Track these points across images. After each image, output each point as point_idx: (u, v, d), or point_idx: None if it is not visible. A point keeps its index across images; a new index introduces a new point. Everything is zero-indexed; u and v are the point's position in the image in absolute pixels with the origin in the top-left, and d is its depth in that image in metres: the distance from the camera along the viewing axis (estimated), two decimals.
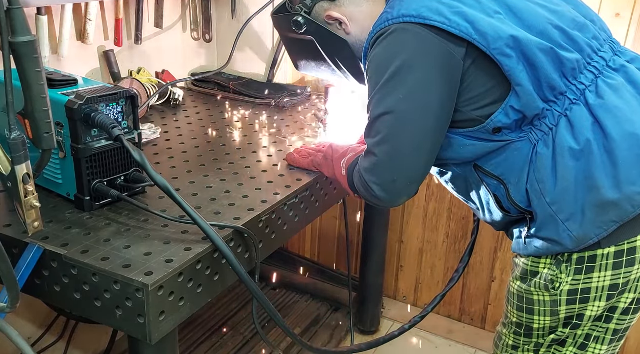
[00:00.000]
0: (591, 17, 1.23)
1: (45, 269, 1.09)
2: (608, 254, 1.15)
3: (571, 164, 1.11)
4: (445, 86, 1.12)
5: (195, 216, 1.07)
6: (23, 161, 0.91)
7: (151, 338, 1.01)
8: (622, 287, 1.17)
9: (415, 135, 1.15)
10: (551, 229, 1.15)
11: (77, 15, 1.77)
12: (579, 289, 1.18)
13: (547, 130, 1.13)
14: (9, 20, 0.86)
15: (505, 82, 1.12)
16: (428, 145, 1.16)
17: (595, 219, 1.11)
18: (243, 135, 1.75)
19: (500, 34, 1.09)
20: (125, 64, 1.99)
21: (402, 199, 1.22)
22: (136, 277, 0.99)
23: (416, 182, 1.20)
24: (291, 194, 1.36)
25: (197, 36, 2.24)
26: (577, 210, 1.12)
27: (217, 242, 1.07)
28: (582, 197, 1.11)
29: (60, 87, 1.22)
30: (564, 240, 1.14)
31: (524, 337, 1.29)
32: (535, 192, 1.15)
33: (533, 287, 1.22)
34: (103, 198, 1.23)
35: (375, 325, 2.34)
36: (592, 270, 1.16)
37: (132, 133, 1.25)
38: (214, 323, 2.21)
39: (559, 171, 1.11)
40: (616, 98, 1.12)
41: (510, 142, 1.16)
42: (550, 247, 1.17)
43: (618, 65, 1.18)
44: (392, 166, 1.17)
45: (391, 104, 1.14)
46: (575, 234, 1.12)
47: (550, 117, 1.13)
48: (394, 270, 2.44)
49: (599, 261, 1.15)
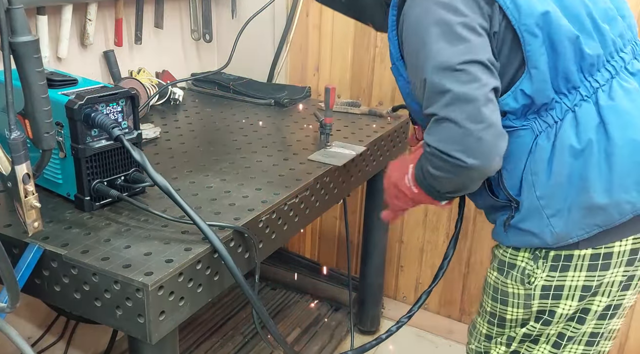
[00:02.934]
0: (622, 11, 1.19)
1: (45, 269, 1.09)
2: (584, 255, 1.15)
3: (568, 162, 1.09)
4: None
5: (195, 216, 1.07)
6: (23, 161, 0.91)
7: (151, 338, 1.01)
8: (594, 289, 1.18)
9: None
10: (534, 222, 1.15)
11: (77, 15, 1.77)
12: (552, 285, 1.19)
13: (552, 123, 1.11)
14: (9, 20, 0.86)
15: (521, 63, 1.09)
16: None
17: (580, 220, 1.11)
18: (243, 135, 1.75)
19: (533, 11, 1.06)
20: (125, 64, 1.99)
21: (496, 159, 1.06)
22: (136, 277, 0.99)
23: (502, 135, 1.06)
24: (291, 194, 1.36)
25: (197, 36, 2.24)
26: (564, 208, 1.12)
27: (215, 244, 1.07)
28: (572, 196, 1.11)
29: (60, 87, 1.22)
30: (544, 235, 1.14)
31: (497, 327, 1.31)
32: (527, 183, 1.14)
33: (509, 279, 1.24)
34: (103, 198, 1.23)
35: (375, 325, 2.34)
36: (567, 269, 1.17)
37: (132, 133, 1.25)
38: (214, 323, 2.21)
39: (555, 166, 1.10)
40: (627, 102, 1.10)
41: (514, 130, 1.13)
42: (529, 239, 1.17)
43: (635, 69, 1.15)
44: (473, 122, 1.02)
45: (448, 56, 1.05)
46: (557, 230, 1.13)
47: (557, 109, 1.11)
48: (394, 270, 2.44)
49: (575, 261, 1.16)
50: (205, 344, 2.10)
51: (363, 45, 2.17)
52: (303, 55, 2.29)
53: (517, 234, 1.19)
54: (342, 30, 2.19)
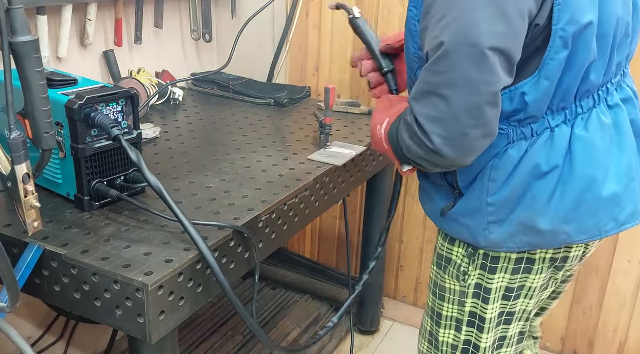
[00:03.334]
0: (638, 25, 1.10)
1: (45, 269, 1.09)
2: (510, 258, 1.16)
3: (529, 181, 1.06)
4: None
5: (185, 220, 1.05)
6: (23, 161, 0.91)
7: (151, 338, 1.01)
8: (516, 291, 1.19)
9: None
10: (474, 221, 1.12)
11: (77, 15, 1.77)
12: (482, 285, 1.19)
13: (529, 136, 1.06)
14: (9, 20, 0.86)
15: (535, 67, 1.00)
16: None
17: (515, 234, 1.10)
18: (243, 135, 1.75)
19: (579, 19, 0.96)
20: (125, 64, 1.99)
21: (471, 159, 1.02)
22: (136, 277, 0.99)
23: (491, 136, 1.00)
24: (291, 194, 1.36)
25: (197, 36, 2.24)
26: (506, 219, 1.09)
27: (202, 249, 1.05)
28: (518, 212, 1.08)
29: (60, 87, 1.22)
30: (479, 236, 1.13)
31: (435, 324, 1.29)
32: (482, 185, 1.10)
33: (447, 274, 1.23)
34: (103, 198, 1.23)
35: (375, 325, 2.34)
36: (495, 271, 1.17)
37: (132, 133, 1.25)
38: (214, 323, 2.21)
39: (515, 180, 1.07)
40: (599, 139, 1.06)
41: None
42: (462, 233, 1.15)
43: (614, 103, 1.10)
44: (468, 115, 0.95)
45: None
46: (492, 238, 1.11)
47: (539, 125, 1.05)
48: (394, 270, 2.44)
49: (502, 264, 1.16)
50: (205, 344, 2.10)
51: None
52: (303, 56, 2.30)
53: (453, 225, 1.17)
54: (342, 30, 2.19)
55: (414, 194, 2.28)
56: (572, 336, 2.16)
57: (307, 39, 2.27)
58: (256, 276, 1.25)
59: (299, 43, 2.28)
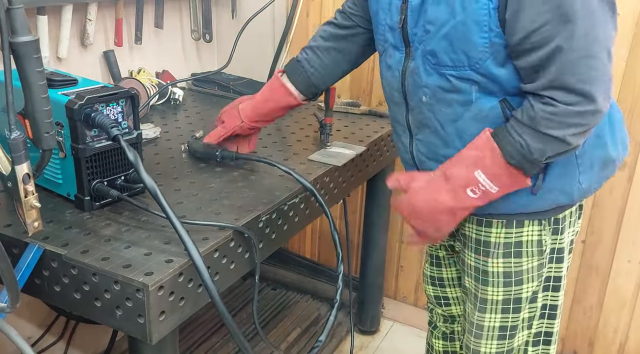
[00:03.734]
0: None
1: (45, 269, 1.09)
2: (571, 212, 1.27)
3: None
4: None
5: (178, 225, 1.04)
6: (23, 160, 0.91)
7: (151, 338, 1.01)
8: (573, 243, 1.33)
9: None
10: (567, 180, 1.18)
11: (77, 15, 1.77)
12: (556, 248, 1.27)
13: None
14: (9, 20, 0.86)
15: None
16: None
17: (598, 173, 1.21)
18: None
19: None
20: (125, 64, 1.99)
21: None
22: (136, 277, 0.99)
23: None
24: (291, 194, 1.36)
25: (197, 36, 2.24)
26: (588, 164, 1.19)
27: (193, 255, 1.03)
28: (592, 153, 1.19)
29: (60, 87, 1.22)
30: (573, 191, 1.20)
31: (512, 313, 1.30)
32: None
33: (524, 257, 1.25)
34: (103, 198, 1.23)
35: (375, 325, 2.34)
36: (562, 231, 1.27)
37: (132, 133, 1.25)
38: (214, 323, 2.21)
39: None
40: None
41: None
42: (556, 197, 1.20)
43: None
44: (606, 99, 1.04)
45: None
46: (584, 186, 1.20)
47: None
48: (394, 270, 2.44)
49: (568, 219, 1.27)
50: (205, 344, 2.10)
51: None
52: None
53: (547, 196, 1.18)
54: None
55: None
56: (572, 336, 2.16)
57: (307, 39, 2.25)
58: (256, 276, 1.25)
59: (299, 43, 2.28)
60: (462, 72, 1.12)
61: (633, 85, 1.82)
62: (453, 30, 1.10)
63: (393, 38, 1.23)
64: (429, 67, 1.16)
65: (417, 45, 1.17)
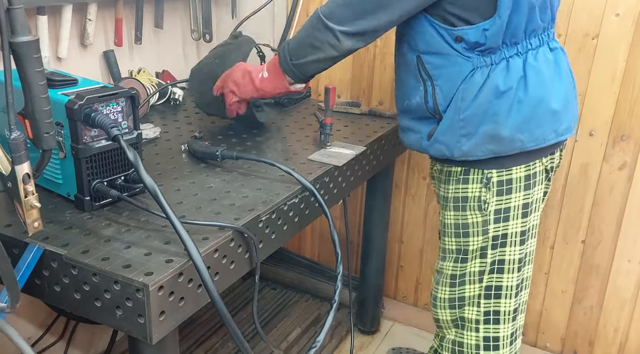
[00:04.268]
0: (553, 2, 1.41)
1: (45, 269, 1.09)
2: (519, 177, 1.41)
3: (490, 99, 1.34)
4: None
5: (178, 225, 1.04)
6: (23, 160, 0.91)
7: (151, 338, 1.01)
8: (529, 206, 1.45)
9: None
10: (449, 137, 1.39)
11: (77, 15, 1.77)
12: (501, 208, 1.42)
13: (489, 64, 1.34)
14: (9, 20, 0.86)
15: (491, 8, 1.28)
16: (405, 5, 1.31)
17: (482, 144, 1.37)
18: (243, 135, 1.75)
19: None
20: (125, 64, 1.99)
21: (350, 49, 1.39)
22: (136, 277, 0.99)
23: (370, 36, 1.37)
24: (291, 194, 1.36)
25: (197, 36, 2.24)
26: (473, 132, 1.37)
27: (193, 255, 1.03)
28: (482, 125, 1.36)
29: (60, 87, 1.22)
30: (454, 149, 1.40)
31: (460, 263, 1.50)
32: (455, 105, 1.37)
33: (468, 211, 1.45)
34: (103, 198, 1.23)
35: (375, 325, 2.35)
36: (510, 191, 1.42)
37: (132, 133, 1.25)
38: (214, 323, 2.21)
39: (480, 99, 1.34)
40: (545, 68, 1.36)
41: (458, 55, 1.34)
42: (442, 150, 1.42)
43: (552, 46, 1.41)
44: (369, 13, 1.30)
45: None
46: (464, 149, 1.39)
47: (497, 55, 1.33)
48: (394, 270, 2.44)
49: (514, 184, 1.42)
50: (205, 344, 2.10)
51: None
52: None
53: (435, 145, 1.43)
54: None
55: (413, 195, 2.29)
56: (572, 336, 2.16)
57: None
58: (256, 276, 1.25)
59: None
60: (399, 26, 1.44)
61: (633, 85, 1.82)
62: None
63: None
64: None
65: None
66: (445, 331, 1.59)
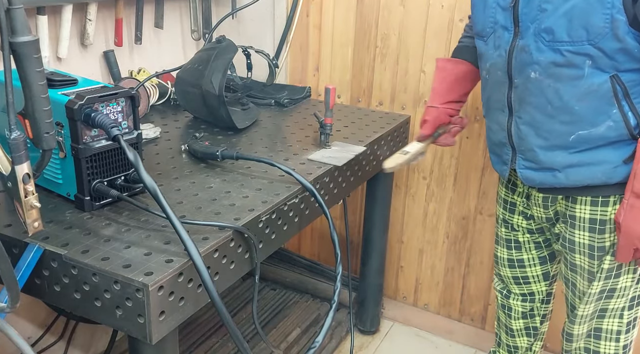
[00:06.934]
0: None
1: (45, 269, 1.09)
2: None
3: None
4: None
5: (178, 225, 1.04)
6: (23, 160, 0.91)
7: (151, 338, 1.01)
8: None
9: None
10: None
11: (77, 15, 1.77)
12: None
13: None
14: (9, 20, 0.86)
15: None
16: None
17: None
18: (244, 135, 1.75)
19: None
20: (125, 64, 1.99)
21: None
22: (136, 277, 0.99)
23: None
24: (291, 194, 1.36)
25: (197, 36, 2.24)
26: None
27: (193, 255, 1.03)
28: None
29: (60, 87, 1.22)
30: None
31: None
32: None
33: (606, 233, 1.35)
34: (103, 198, 1.23)
35: (375, 325, 2.34)
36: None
37: (132, 133, 1.25)
38: (214, 323, 2.21)
39: None
40: None
41: None
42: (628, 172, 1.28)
43: None
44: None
45: None
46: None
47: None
48: (394, 270, 2.44)
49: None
50: (205, 344, 2.10)
51: (363, 46, 2.17)
52: (303, 56, 2.29)
53: (626, 170, 1.27)
54: (342, 30, 2.19)
55: (414, 195, 2.28)
56: None
57: (307, 39, 2.27)
58: (256, 276, 1.25)
59: (299, 43, 2.28)
60: (580, 47, 1.20)
61: None
62: (574, 8, 1.17)
63: (504, 19, 1.30)
64: (542, 44, 1.23)
65: (529, 24, 1.25)
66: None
